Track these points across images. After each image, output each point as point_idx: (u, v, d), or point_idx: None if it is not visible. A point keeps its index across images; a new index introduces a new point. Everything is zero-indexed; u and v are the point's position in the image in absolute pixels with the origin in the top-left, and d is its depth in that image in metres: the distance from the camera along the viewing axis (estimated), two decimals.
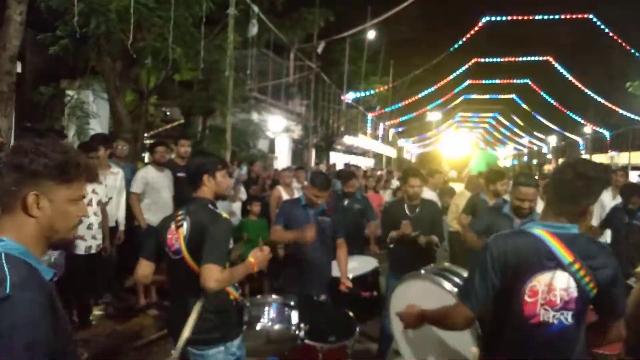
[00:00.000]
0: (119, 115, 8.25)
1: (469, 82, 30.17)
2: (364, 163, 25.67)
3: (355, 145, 27.35)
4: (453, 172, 16.68)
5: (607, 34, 20.58)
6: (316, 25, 15.39)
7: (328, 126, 24.97)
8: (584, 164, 1.99)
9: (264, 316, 2.71)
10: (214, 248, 2.40)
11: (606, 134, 27.64)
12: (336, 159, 24.86)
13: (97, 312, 5.06)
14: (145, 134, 11.70)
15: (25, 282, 1.22)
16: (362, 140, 27.94)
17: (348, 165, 13.49)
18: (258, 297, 2.72)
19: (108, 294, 5.31)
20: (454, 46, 22.85)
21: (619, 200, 6.07)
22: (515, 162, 41.36)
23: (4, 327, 1.15)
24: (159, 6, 7.22)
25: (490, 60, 27.24)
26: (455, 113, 41.60)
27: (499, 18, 22.53)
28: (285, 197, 6.35)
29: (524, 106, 33.47)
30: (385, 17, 13.24)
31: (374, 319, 4.38)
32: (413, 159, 45.12)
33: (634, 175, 16.21)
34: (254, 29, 7.97)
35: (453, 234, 6.28)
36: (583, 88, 24.32)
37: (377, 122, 31.26)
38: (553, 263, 1.87)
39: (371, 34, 23.52)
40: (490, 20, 22.35)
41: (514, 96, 34.01)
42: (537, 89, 29.13)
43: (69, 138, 7.68)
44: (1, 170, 1.29)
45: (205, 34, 8.13)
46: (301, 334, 2.71)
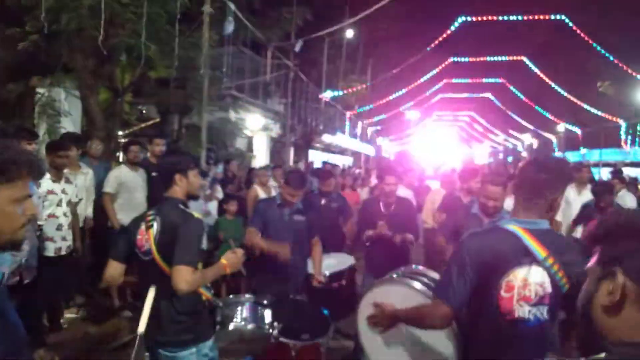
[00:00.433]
0: (92, 113, 8.07)
1: (445, 81, 30.50)
2: (342, 161, 25.72)
3: (334, 143, 27.40)
4: (431, 169, 16.82)
5: (579, 35, 21.04)
6: (294, 24, 15.35)
7: (306, 124, 24.96)
8: (545, 159, 2.04)
9: (236, 316, 2.70)
10: (185, 249, 2.37)
11: (578, 132, 28.29)
12: (315, 157, 24.86)
13: (69, 315, 4.95)
14: (121, 133, 11.50)
15: None
16: (341, 139, 28.01)
17: (325, 164, 13.51)
18: (231, 297, 2.70)
19: (80, 296, 5.21)
20: (431, 46, 23.06)
21: (585, 196, 6.25)
22: (491, 160, 42.02)
23: None
24: (132, 2, 7.10)
25: (466, 59, 27.57)
26: (433, 111, 42.01)
27: (474, 18, 22.82)
28: (263, 196, 6.33)
29: (499, 105, 33.99)
30: (363, 16, 13.29)
31: (350, 317, 4.39)
32: (392, 157, 45.41)
33: (605, 172, 16.62)
34: (230, 27, 7.90)
35: (428, 231, 6.34)
36: (556, 87, 24.84)
37: (356, 121, 31.37)
38: (528, 258, 1.89)
39: (349, 33, 23.59)
40: (465, 20, 22.63)
41: (489, 95, 34.53)
42: (512, 88, 29.63)
43: (40, 137, 7.49)
44: None
45: (181, 31, 8.03)
46: (274, 332, 2.70)
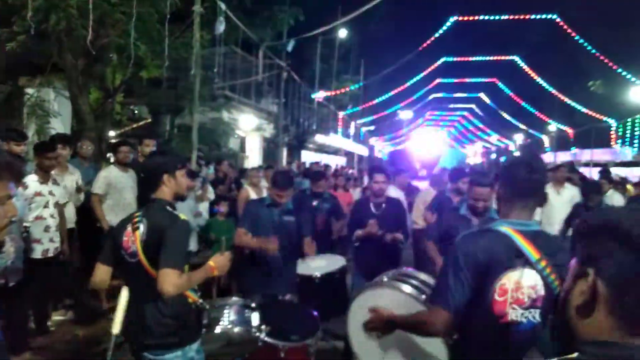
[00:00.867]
0: (81, 114, 8.02)
1: (438, 81, 30.61)
2: (335, 161, 25.74)
3: (327, 143, 27.41)
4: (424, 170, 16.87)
5: (570, 34, 21.18)
6: (286, 24, 15.33)
7: (299, 125, 24.95)
8: (534, 158, 2.02)
9: (223, 319, 2.68)
10: (171, 252, 2.35)
11: (570, 131, 28.47)
12: (308, 157, 24.86)
13: (57, 318, 4.91)
14: (112, 133, 11.44)
15: None
16: (334, 139, 28.02)
17: (312, 165, 13.54)
18: (217, 300, 2.68)
19: (68, 298, 5.16)
20: (423, 45, 23.14)
21: (564, 195, 6.30)
22: (484, 160, 42.29)
23: None
24: (122, 2, 7.05)
25: (459, 59, 27.70)
26: (426, 111, 42.15)
27: (466, 18, 22.92)
28: (254, 197, 6.31)
29: (491, 104, 34.17)
30: (355, 16, 13.28)
31: (340, 317, 4.38)
32: (385, 157, 45.52)
33: (595, 172, 16.72)
34: (221, 27, 7.87)
35: (419, 231, 6.34)
36: (547, 87, 24.99)
37: (349, 121, 31.40)
38: (521, 261, 1.85)
39: (342, 33, 23.61)
40: (458, 20, 22.72)
41: (482, 95, 34.70)
42: (504, 88, 29.79)
43: (29, 138, 7.43)
44: None
45: (172, 31, 7.98)
46: (262, 335, 2.69)
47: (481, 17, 23.00)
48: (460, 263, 1.88)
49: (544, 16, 22.24)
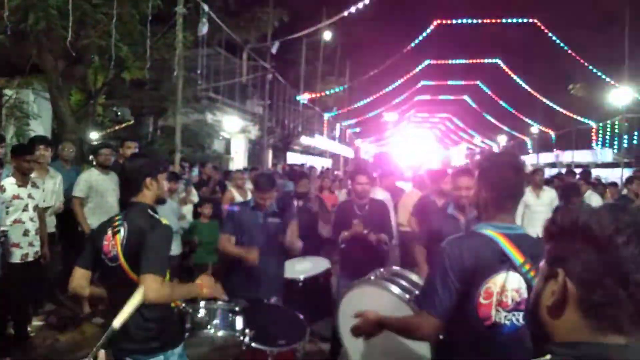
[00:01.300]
0: (62, 115, 7.89)
1: (422, 83, 30.83)
2: (321, 163, 25.76)
3: (313, 145, 27.41)
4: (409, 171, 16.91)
5: (551, 38, 21.51)
6: (270, 25, 15.29)
7: (285, 126, 24.92)
8: (517, 159, 2.04)
9: (207, 322, 2.64)
10: (152, 257, 2.31)
11: (552, 133, 28.89)
12: (293, 159, 24.82)
13: (37, 323, 4.80)
14: (95, 135, 11.26)
15: None
16: (319, 141, 28.03)
17: (293, 166, 13.55)
18: (201, 303, 2.64)
19: (49, 303, 5.06)
20: (406, 48, 23.30)
21: (543, 198, 6.41)
22: (467, 162, 42.69)
23: None
24: (103, 2, 6.96)
25: (443, 62, 27.95)
26: (411, 113, 42.43)
27: (449, 21, 23.15)
28: (239, 199, 6.28)
29: (475, 107, 34.53)
30: (339, 18, 13.32)
31: (326, 319, 4.37)
32: (370, 159, 45.68)
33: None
34: (204, 28, 7.82)
35: (403, 233, 6.35)
36: (530, 89, 25.33)
37: (334, 123, 31.45)
38: (506, 264, 1.87)
39: (327, 35, 23.64)
40: (442, 23, 22.92)
41: (465, 97, 35.04)
42: (487, 90, 30.12)
43: (7, 140, 7.28)
44: None
45: (154, 32, 7.90)
46: (246, 339, 2.66)
47: (463, 21, 23.24)
48: (447, 268, 1.89)
49: (526, 20, 22.57)
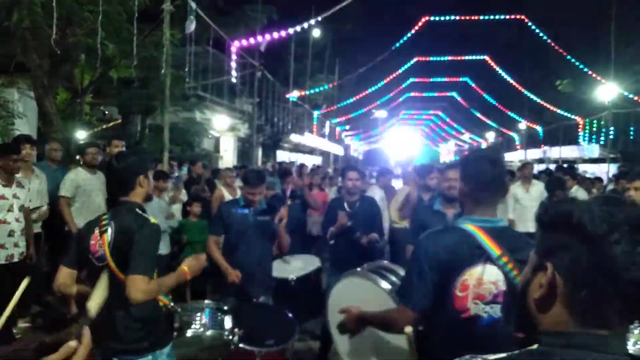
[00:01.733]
0: (48, 115, 7.79)
1: (411, 80, 30.93)
2: (311, 161, 25.73)
3: (302, 143, 27.36)
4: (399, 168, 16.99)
5: (539, 34, 21.68)
6: (259, 23, 15.23)
7: (274, 124, 24.85)
8: (494, 153, 2.08)
9: (195, 322, 2.63)
10: (141, 257, 2.28)
11: (539, 129, 29.14)
12: (283, 157, 24.78)
13: (23, 325, 4.73)
14: (83, 134, 11.15)
15: None
16: (309, 139, 28.00)
17: (282, 164, 13.59)
18: (190, 303, 2.63)
19: (35, 304, 4.99)
20: (395, 45, 23.36)
21: (532, 192, 6.46)
22: (457, 158, 42.91)
23: None
24: (90, 0, 6.88)
25: (432, 59, 28.04)
26: (400, 110, 42.54)
27: (439, 18, 23.23)
28: (228, 198, 6.25)
29: (463, 103, 34.73)
30: (328, 15, 13.29)
31: (316, 317, 4.37)
32: (360, 156, 45.80)
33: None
34: (191, 25, 7.75)
35: (395, 230, 6.38)
36: (517, 86, 25.52)
37: (324, 120, 31.43)
38: (482, 257, 1.89)
39: (316, 32, 23.60)
40: (431, 20, 23.00)
41: (454, 94, 35.23)
42: (476, 87, 30.30)
43: None
44: None
45: (142, 30, 7.83)
46: (235, 339, 2.64)
47: (452, 18, 23.34)
48: (423, 262, 1.93)
49: (513, 17, 22.73)
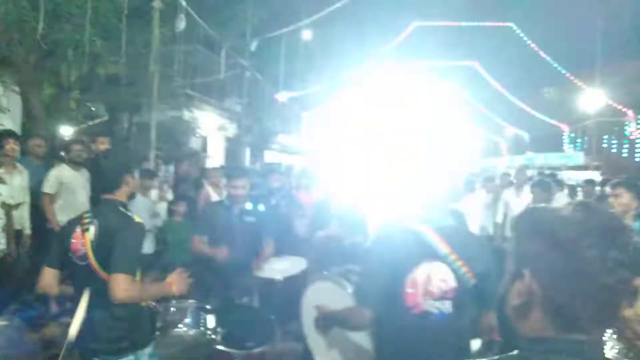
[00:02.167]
0: (33, 110, 7.70)
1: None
2: (299, 162, 25.70)
3: (291, 144, 27.33)
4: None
5: (526, 42, 21.97)
6: (249, 23, 15.20)
7: (263, 125, 24.78)
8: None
9: (178, 321, 2.62)
10: (124, 256, 2.27)
11: (525, 136, 29.48)
12: (271, 157, 24.70)
13: (1, 323, 4.66)
14: (68, 131, 11.01)
15: None
16: (298, 140, 27.97)
17: (271, 164, 13.64)
18: (172, 302, 2.62)
19: (15, 302, 4.92)
20: (384, 49, 23.48)
21: (522, 198, 6.55)
22: None
23: None
24: None
25: (420, 62, 28.17)
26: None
27: (427, 23, 23.41)
28: (215, 197, 6.23)
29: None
30: (318, 17, 13.33)
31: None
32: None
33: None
34: (181, 24, 7.73)
35: None
36: (505, 93, 25.81)
37: (313, 121, 31.38)
38: (431, 256, 1.98)
39: (306, 34, 23.60)
40: (419, 25, 23.17)
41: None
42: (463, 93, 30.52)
43: None
44: None
45: (131, 27, 7.76)
46: (217, 338, 2.64)
47: (441, 23, 23.54)
48: (373, 264, 2.04)
49: (501, 24, 23.00)
